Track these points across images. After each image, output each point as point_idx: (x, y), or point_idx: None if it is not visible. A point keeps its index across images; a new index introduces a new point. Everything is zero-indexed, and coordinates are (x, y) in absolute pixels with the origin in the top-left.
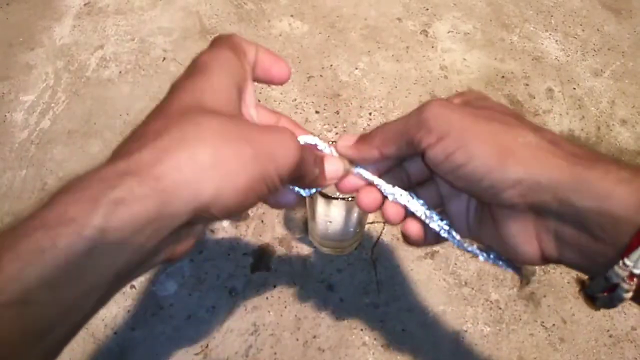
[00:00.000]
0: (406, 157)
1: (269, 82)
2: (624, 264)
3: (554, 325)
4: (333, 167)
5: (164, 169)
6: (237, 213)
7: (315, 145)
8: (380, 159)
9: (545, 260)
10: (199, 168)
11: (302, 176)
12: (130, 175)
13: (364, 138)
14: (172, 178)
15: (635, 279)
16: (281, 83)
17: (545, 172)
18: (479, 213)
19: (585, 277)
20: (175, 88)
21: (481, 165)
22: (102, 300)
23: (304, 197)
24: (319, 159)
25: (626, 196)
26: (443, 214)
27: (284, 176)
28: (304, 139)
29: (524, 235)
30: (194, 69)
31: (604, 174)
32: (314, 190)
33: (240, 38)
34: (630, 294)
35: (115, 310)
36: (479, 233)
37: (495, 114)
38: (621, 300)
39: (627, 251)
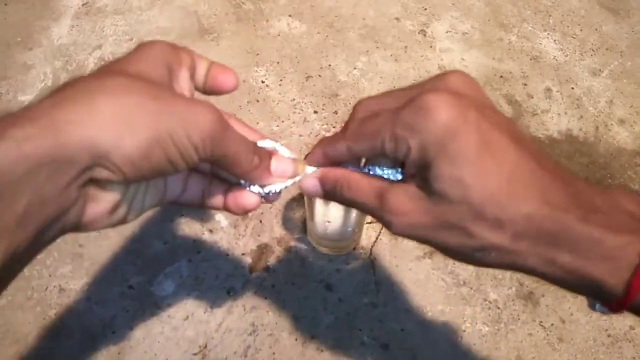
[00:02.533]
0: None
1: (218, 89)
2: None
3: (552, 325)
4: (282, 166)
5: (60, 113)
6: (145, 172)
7: (275, 150)
8: (367, 149)
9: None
10: (96, 113)
11: (233, 161)
12: (25, 118)
13: (351, 129)
14: (66, 119)
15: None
16: (229, 90)
17: (534, 218)
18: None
19: None
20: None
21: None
22: (19, 258)
23: (268, 197)
24: (264, 152)
25: (613, 248)
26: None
27: (198, 145)
28: (263, 143)
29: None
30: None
31: (598, 224)
32: (274, 191)
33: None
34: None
35: (114, 310)
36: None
37: (503, 121)
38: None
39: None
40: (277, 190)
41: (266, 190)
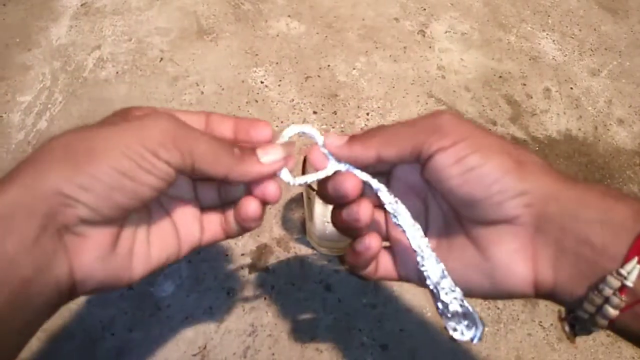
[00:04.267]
0: (396, 165)
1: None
2: (618, 273)
3: (551, 324)
4: (270, 153)
5: (10, 174)
6: (114, 197)
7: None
8: (374, 162)
9: (536, 285)
10: (39, 161)
11: (209, 160)
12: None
13: (358, 138)
14: (11, 176)
15: (625, 295)
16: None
17: (554, 187)
18: (445, 236)
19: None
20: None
21: (495, 169)
22: (6, 327)
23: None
24: (246, 148)
25: (625, 209)
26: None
27: (159, 153)
28: (289, 131)
29: (518, 254)
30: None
31: (605, 192)
32: (308, 182)
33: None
34: (617, 312)
35: (113, 311)
36: (443, 258)
37: (502, 139)
38: (607, 317)
39: (624, 262)
40: (310, 181)
41: (300, 180)
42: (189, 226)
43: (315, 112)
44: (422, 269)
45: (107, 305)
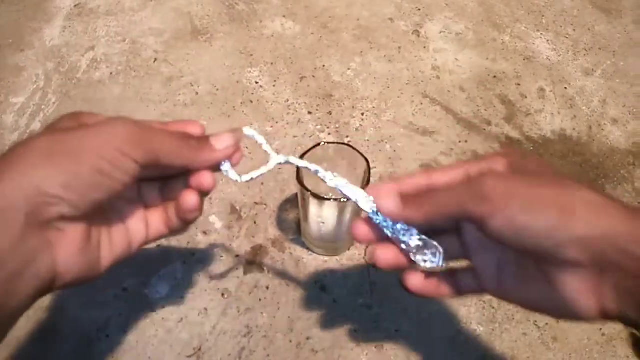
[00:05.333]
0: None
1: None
2: None
3: (546, 324)
4: (223, 140)
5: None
6: (89, 192)
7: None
8: (423, 224)
9: (604, 315)
10: (15, 163)
11: (171, 153)
12: None
13: (412, 202)
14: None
15: None
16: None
17: (607, 226)
18: (520, 269)
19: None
20: None
21: (544, 226)
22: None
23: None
24: (201, 138)
25: None
26: (469, 269)
27: (125, 150)
28: (248, 131)
29: (583, 291)
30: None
31: None
32: (253, 177)
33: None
34: None
35: (107, 313)
36: (518, 291)
37: (549, 178)
38: None
39: None
40: (255, 177)
41: (246, 177)
42: (136, 224)
43: (310, 113)
44: (378, 223)
45: (101, 307)
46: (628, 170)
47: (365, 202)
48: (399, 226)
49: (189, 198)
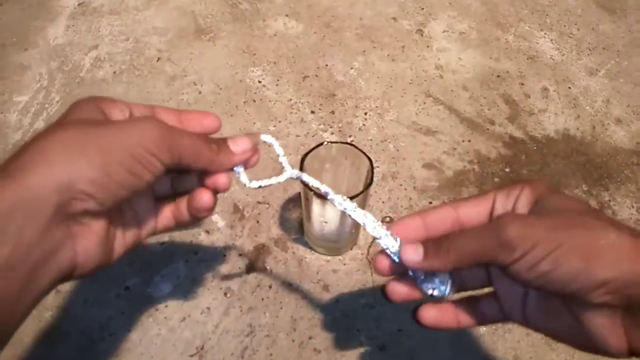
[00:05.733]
0: None
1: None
2: None
3: None
4: (240, 144)
5: (16, 163)
6: (116, 190)
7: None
8: (449, 271)
9: (632, 352)
10: (48, 154)
11: (194, 155)
12: None
13: (434, 251)
14: (22, 167)
15: None
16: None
17: (632, 269)
18: (546, 301)
19: None
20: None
21: (567, 271)
22: (12, 307)
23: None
24: (219, 139)
25: None
26: (493, 297)
27: (155, 151)
28: (265, 138)
29: (611, 329)
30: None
31: None
32: (264, 185)
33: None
34: None
35: (110, 312)
36: (544, 322)
37: (573, 219)
38: None
39: None
40: (264, 186)
41: (255, 184)
42: (147, 215)
43: (312, 112)
44: (385, 249)
45: (104, 306)
46: (632, 170)
47: (388, 240)
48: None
49: (204, 196)
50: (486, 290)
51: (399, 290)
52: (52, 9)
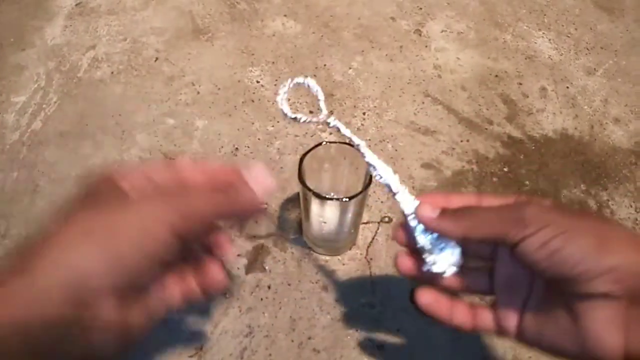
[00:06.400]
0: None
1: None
2: None
3: None
4: (261, 185)
5: (30, 266)
6: (134, 277)
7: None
8: (460, 239)
9: (627, 354)
10: (56, 257)
11: (217, 214)
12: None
13: (449, 216)
14: (37, 267)
15: None
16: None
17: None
18: (545, 305)
19: None
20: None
21: (578, 250)
22: None
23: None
24: (234, 180)
25: None
26: (494, 305)
27: (172, 240)
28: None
29: (609, 326)
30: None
31: None
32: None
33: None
34: None
35: None
36: (541, 326)
37: (587, 215)
38: None
39: None
40: (304, 121)
41: (293, 115)
42: (159, 292)
43: (311, 112)
44: (401, 205)
45: None
46: (630, 170)
47: (408, 202)
48: (429, 237)
49: (215, 271)
50: (487, 298)
51: (407, 262)
52: (49, 8)
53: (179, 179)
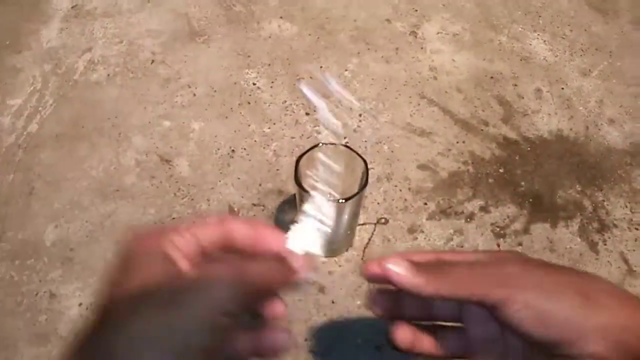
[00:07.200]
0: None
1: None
2: None
3: None
4: (298, 262)
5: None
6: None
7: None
8: (435, 298)
9: None
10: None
11: (270, 285)
12: None
13: (423, 273)
14: None
15: None
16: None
17: (629, 316)
18: None
19: None
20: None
21: (563, 311)
22: None
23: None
24: (280, 261)
25: None
26: None
27: (230, 308)
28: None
29: None
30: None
31: None
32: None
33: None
34: None
35: None
36: None
37: (564, 269)
38: None
39: None
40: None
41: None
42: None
43: (307, 114)
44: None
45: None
46: (625, 170)
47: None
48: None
49: (280, 337)
50: None
51: (405, 334)
52: (45, 11)
53: (229, 244)
